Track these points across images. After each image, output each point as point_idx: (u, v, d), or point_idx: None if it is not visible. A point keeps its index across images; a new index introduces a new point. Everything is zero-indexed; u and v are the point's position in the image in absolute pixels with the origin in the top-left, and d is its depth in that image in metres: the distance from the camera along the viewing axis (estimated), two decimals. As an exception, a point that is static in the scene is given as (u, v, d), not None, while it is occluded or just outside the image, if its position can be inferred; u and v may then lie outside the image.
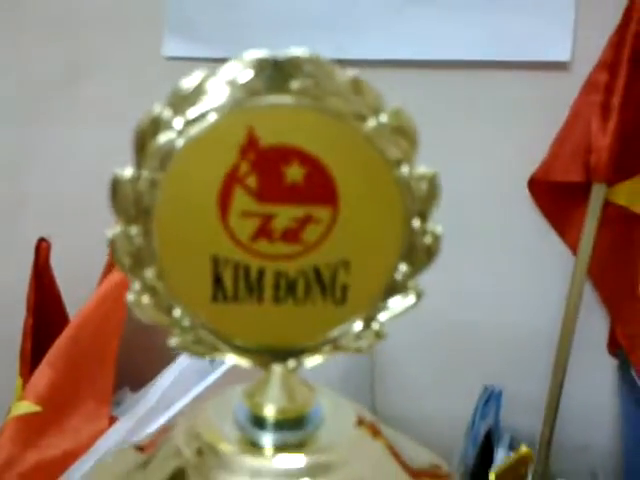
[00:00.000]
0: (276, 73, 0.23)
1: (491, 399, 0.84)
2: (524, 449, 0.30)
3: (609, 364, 0.82)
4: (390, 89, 0.24)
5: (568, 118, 0.73)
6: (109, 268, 0.89)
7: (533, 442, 0.79)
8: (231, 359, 0.26)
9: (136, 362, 0.86)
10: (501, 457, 0.83)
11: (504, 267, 0.82)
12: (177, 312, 0.26)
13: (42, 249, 0.86)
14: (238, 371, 0.28)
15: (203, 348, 0.26)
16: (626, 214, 0.73)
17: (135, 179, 0.24)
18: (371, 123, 0.24)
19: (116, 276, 0.84)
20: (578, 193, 0.72)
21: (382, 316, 0.26)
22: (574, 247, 0.74)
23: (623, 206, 0.74)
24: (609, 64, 0.70)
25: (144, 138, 0.23)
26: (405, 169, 0.24)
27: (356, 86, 0.24)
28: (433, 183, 0.25)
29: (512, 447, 0.85)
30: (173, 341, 0.26)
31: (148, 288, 0.25)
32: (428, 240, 0.25)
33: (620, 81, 0.68)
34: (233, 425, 0.27)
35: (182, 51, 0.88)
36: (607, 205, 0.74)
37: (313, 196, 0.24)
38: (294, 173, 0.24)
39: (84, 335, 0.82)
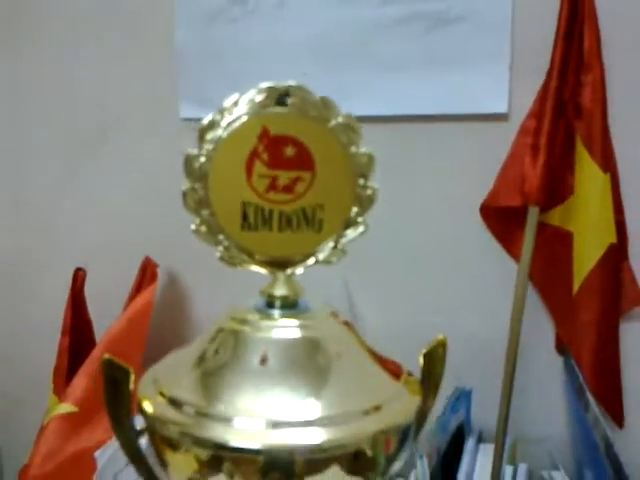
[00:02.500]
0: (278, 94, 0.43)
1: (461, 397, 1.00)
2: (440, 336, 0.45)
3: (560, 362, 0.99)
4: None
5: (507, 157, 0.93)
6: (134, 294, 1.07)
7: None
8: (253, 268, 0.45)
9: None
10: (471, 446, 0.98)
11: (463, 279, 1.00)
12: (221, 237, 0.44)
13: (79, 277, 1.04)
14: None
15: (235, 260, 0.45)
16: (560, 232, 0.92)
17: (197, 155, 0.43)
18: (333, 122, 0.43)
19: (139, 302, 1.02)
20: (518, 215, 0.91)
21: (343, 240, 0.45)
22: (517, 257, 0.93)
23: (557, 226, 0.93)
24: (537, 113, 0.90)
25: (204, 131, 0.43)
26: (354, 149, 0.44)
27: (324, 102, 0.43)
28: (370, 157, 0.44)
29: (481, 439, 1.01)
30: (218, 255, 0.44)
31: (204, 222, 0.44)
32: (369, 192, 0.45)
33: (545, 126, 0.88)
34: (255, 310, 0.45)
35: (195, 112, 1.08)
36: (545, 226, 0.93)
37: (300, 165, 0.43)
38: (289, 151, 0.43)
39: (114, 349, 0.99)
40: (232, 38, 1.01)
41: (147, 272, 1.07)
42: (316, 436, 0.39)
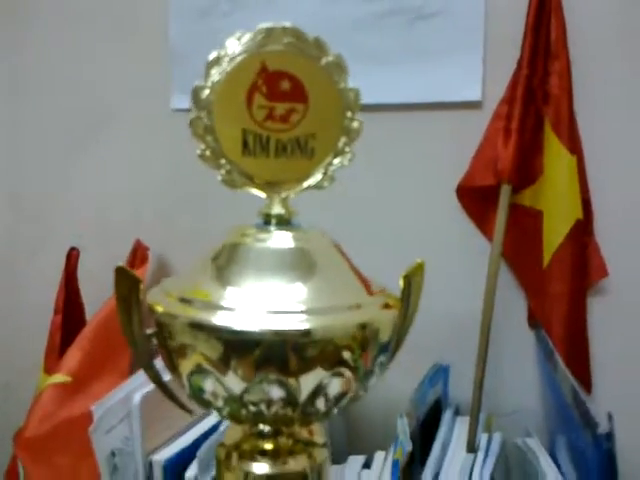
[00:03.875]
0: (276, 34, 0.49)
1: (439, 372, 1.05)
2: (419, 260, 0.50)
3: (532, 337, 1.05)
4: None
5: (481, 141, 1.00)
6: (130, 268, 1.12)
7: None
8: (252, 191, 0.51)
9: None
10: (448, 418, 1.03)
11: (439, 258, 1.06)
12: (223, 161, 0.50)
13: (72, 257, 1.09)
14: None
15: (236, 183, 0.51)
16: (531, 211, 0.99)
17: (203, 87, 0.49)
18: (324, 61, 0.50)
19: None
20: (491, 195, 0.98)
21: (332, 168, 0.51)
22: (490, 237, 0.99)
23: (528, 206, 1.00)
24: (508, 100, 0.97)
25: (210, 65, 0.49)
26: (342, 85, 0.50)
27: (317, 42, 0.50)
28: (356, 93, 0.50)
29: (457, 412, 1.06)
30: (220, 178, 0.50)
31: (209, 147, 0.50)
32: (355, 124, 0.51)
33: (516, 112, 0.95)
34: (254, 227, 0.51)
35: (186, 103, 1.14)
36: (517, 206, 0.99)
37: (295, 97, 0.50)
38: (285, 85, 0.50)
39: (107, 325, 1.04)
40: (223, 31, 1.08)
41: (138, 254, 1.12)
42: (306, 323, 0.44)
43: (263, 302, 0.45)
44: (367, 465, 0.96)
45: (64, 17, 1.21)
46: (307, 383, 0.46)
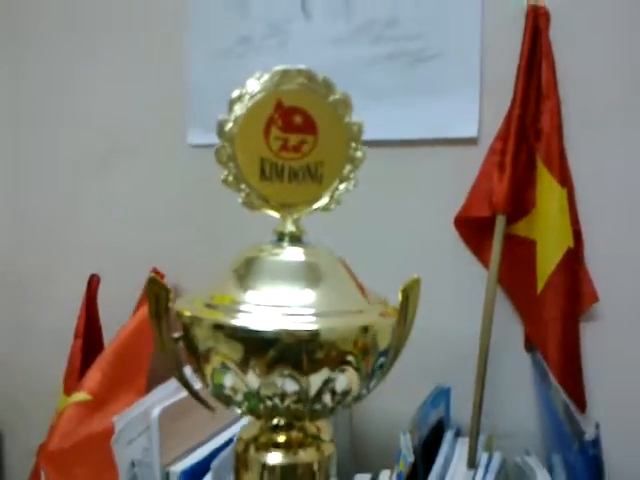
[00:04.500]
0: (291, 75, 0.57)
1: (441, 394, 1.11)
2: (415, 276, 0.56)
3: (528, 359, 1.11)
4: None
5: (478, 175, 1.07)
6: (142, 302, 1.19)
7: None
8: (267, 212, 0.59)
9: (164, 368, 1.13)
10: (450, 438, 1.09)
11: (439, 286, 1.12)
12: (243, 186, 0.58)
13: (93, 282, 1.16)
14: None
15: (254, 205, 0.58)
16: (525, 241, 1.06)
17: (227, 120, 0.57)
18: (331, 98, 0.58)
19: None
20: (487, 226, 1.05)
21: (338, 192, 0.59)
22: (487, 264, 1.06)
23: (522, 236, 1.07)
24: (503, 136, 1.05)
25: (233, 102, 0.57)
26: (347, 119, 0.58)
27: (325, 82, 0.58)
28: (360, 126, 0.58)
29: (458, 434, 1.12)
30: (240, 200, 0.58)
31: (231, 173, 0.57)
32: (359, 154, 0.59)
33: (510, 147, 1.03)
34: (270, 244, 0.58)
35: (202, 139, 1.23)
36: (512, 236, 1.06)
37: (306, 130, 0.57)
38: (298, 119, 0.57)
39: (125, 348, 1.11)
40: (238, 72, 1.16)
41: (154, 282, 1.19)
42: (314, 324, 0.51)
43: (277, 306, 0.52)
44: (373, 483, 1.01)
45: (86, 52, 1.30)
46: (315, 379, 0.52)
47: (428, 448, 1.03)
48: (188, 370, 0.58)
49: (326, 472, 0.58)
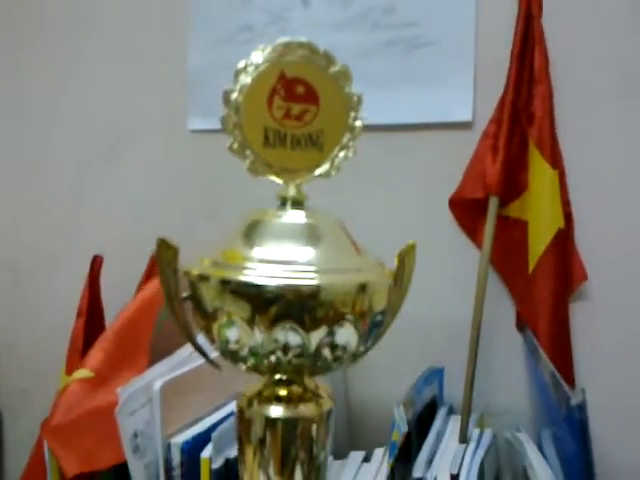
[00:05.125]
0: (293, 47, 0.61)
1: (434, 373, 1.15)
2: (411, 241, 0.60)
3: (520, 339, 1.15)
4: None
5: (472, 157, 1.11)
6: (144, 282, 1.22)
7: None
8: (271, 178, 0.62)
9: (164, 349, 1.16)
10: (443, 415, 1.12)
11: (433, 267, 1.15)
12: (248, 152, 0.61)
13: (96, 263, 1.19)
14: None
15: (258, 171, 0.62)
16: (517, 222, 1.10)
17: (232, 90, 0.60)
18: (332, 69, 0.61)
19: (151, 287, 1.18)
20: (481, 207, 1.09)
21: (337, 160, 0.62)
22: (480, 245, 1.10)
23: (514, 217, 1.10)
24: (496, 120, 1.08)
25: (238, 72, 0.60)
26: (347, 89, 0.61)
27: (326, 54, 0.61)
28: (359, 97, 0.62)
29: (451, 412, 1.15)
30: (246, 166, 0.61)
31: (237, 140, 0.61)
32: (358, 123, 0.62)
33: (503, 131, 1.06)
34: (272, 208, 0.62)
35: (202, 125, 1.27)
36: (504, 218, 1.10)
37: (308, 100, 0.61)
38: (300, 89, 0.61)
39: (127, 328, 1.13)
40: (239, 58, 1.20)
41: (155, 262, 1.22)
42: (315, 280, 0.55)
43: (281, 263, 0.56)
44: (367, 459, 1.05)
45: (88, 41, 1.34)
46: (316, 334, 0.56)
47: (422, 424, 1.06)
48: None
49: (325, 426, 0.61)
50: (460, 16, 1.11)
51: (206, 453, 0.90)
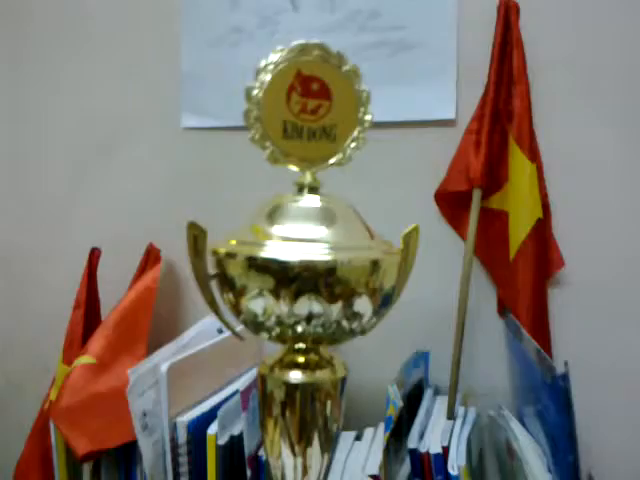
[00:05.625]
0: (309, 48, 0.68)
1: (421, 357, 1.22)
2: (415, 224, 0.67)
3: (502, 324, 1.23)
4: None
5: (456, 153, 1.19)
6: (139, 275, 1.28)
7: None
8: (290, 167, 0.69)
9: (162, 336, 1.22)
10: (430, 395, 1.20)
11: (419, 257, 1.23)
12: (268, 143, 0.68)
13: (94, 256, 1.25)
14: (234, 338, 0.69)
15: (278, 160, 0.69)
16: (499, 213, 1.18)
17: (253, 87, 0.67)
18: (344, 68, 0.68)
19: (148, 279, 1.24)
20: (465, 200, 1.17)
21: (349, 150, 0.70)
22: (464, 236, 1.18)
23: (496, 209, 1.19)
24: (478, 118, 1.16)
25: (259, 71, 0.67)
26: (357, 86, 0.69)
27: (339, 54, 0.68)
28: (368, 93, 0.69)
29: (437, 392, 1.23)
30: (265, 156, 0.68)
31: (257, 132, 0.68)
32: (367, 117, 0.69)
33: (485, 128, 1.15)
34: (290, 194, 0.69)
35: (195, 123, 1.33)
36: (486, 210, 1.18)
37: (322, 96, 0.68)
38: (315, 86, 0.68)
39: (126, 317, 1.20)
40: (231, 59, 1.27)
41: (151, 256, 1.28)
42: (330, 255, 0.62)
43: (300, 241, 0.63)
44: (358, 438, 1.12)
45: (83, 42, 1.39)
46: (335, 305, 0.63)
47: (410, 404, 1.13)
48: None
49: (340, 391, 0.68)
50: (443, 20, 1.18)
51: (212, 430, 0.96)
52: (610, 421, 1.14)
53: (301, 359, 0.68)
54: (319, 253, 0.62)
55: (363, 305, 0.64)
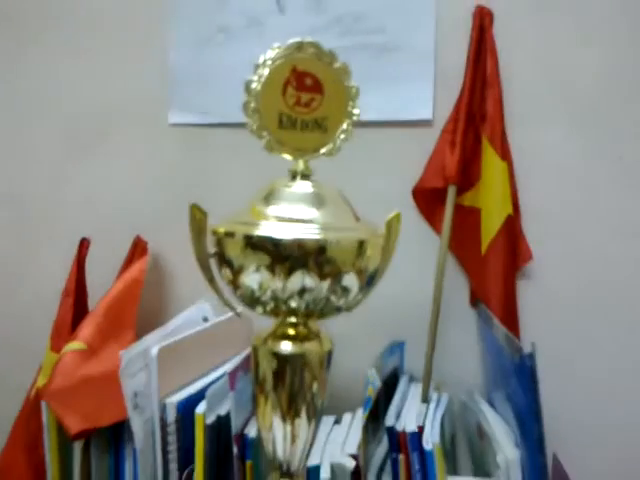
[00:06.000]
0: (303, 46, 0.74)
1: (396, 347, 1.29)
2: (396, 211, 0.75)
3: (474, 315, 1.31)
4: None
5: (432, 152, 1.27)
6: (126, 266, 1.33)
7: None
8: (284, 156, 0.76)
9: (147, 326, 1.27)
10: (405, 382, 1.27)
11: (396, 251, 1.30)
12: (264, 133, 0.74)
13: (83, 246, 1.30)
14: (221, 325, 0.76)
15: (273, 149, 0.75)
16: (471, 210, 1.26)
17: (252, 81, 0.74)
18: (335, 65, 0.75)
19: (136, 269, 1.29)
20: (440, 196, 1.24)
21: (338, 142, 0.76)
22: (439, 231, 1.26)
23: (469, 206, 1.26)
24: (454, 119, 1.24)
25: (257, 67, 0.73)
26: (347, 82, 0.76)
27: (330, 52, 0.75)
28: (357, 89, 0.76)
29: (412, 380, 1.30)
30: (262, 144, 0.75)
31: (255, 123, 0.74)
32: (356, 111, 0.76)
33: (460, 128, 1.22)
34: (284, 179, 0.75)
35: (181, 119, 1.39)
36: (460, 207, 1.25)
37: (315, 90, 0.74)
38: (308, 81, 0.74)
39: (115, 305, 1.25)
40: (217, 58, 1.33)
41: (138, 248, 1.33)
42: (321, 235, 0.69)
43: (293, 222, 0.69)
44: (337, 422, 1.18)
45: (74, 41, 1.43)
46: (325, 281, 0.70)
47: (387, 390, 1.20)
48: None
49: (327, 361, 0.75)
50: (421, 25, 1.26)
51: (200, 409, 1.02)
52: (572, 406, 1.22)
53: (292, 332, 0.74)
54: (311, 232, 0.68)
55: (350, 281, 0.70)
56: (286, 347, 0.73)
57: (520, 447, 0.98)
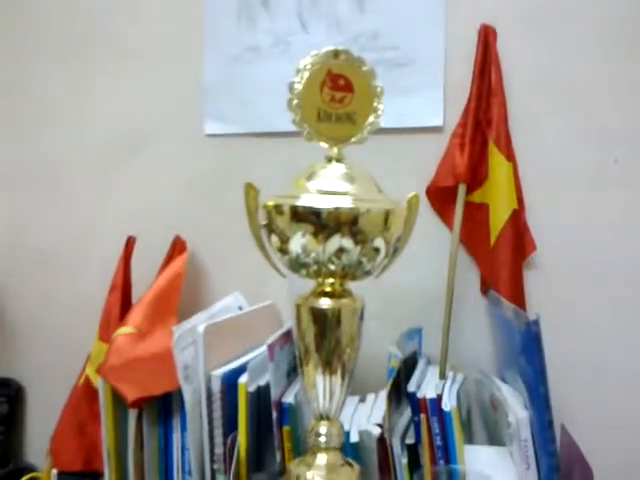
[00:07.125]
0: (337, 52, 0.92)
1: (414, 332, 1.44)
2: (414, 193, 0.92)
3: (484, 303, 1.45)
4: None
5: (443, 155, 1.42)
6: (165, 264, 1.49)
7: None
8: (321, 144, 0.92)
9: (187, 316, 1.42)
10: (423, 364, 1.41)
11: (412, 246, 1.43)
12: (305, 125, 0.91)
13: (130, 243, 1.46)
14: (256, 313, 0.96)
15: (313, 138, 0.92)
16: (481, 205, 1.41)
17: (294, 82, 0.90)
18: (364, 68, 0.92)
19: (177, 264, 1.45)
20: (451, 194, 1.40)
21: (365, 132, 0.93)
22: (451, 227, 1.41)
23: (478, 202, 1.42)
24: (463, 124, 1.40)
25: (300, 70, 0.90)
26: (373, 83, 0.92)
27: (360, 58, 0.92)
28: (382, 88, 0.93)
29: (429, 363, 1.44)
30: (304, 136, 0.92)
31: (298, 115, 0.91)
32: (380, 106, 0.93)
33: (468, 132, 1.38)
34: (322, 163, 0.92)
35: (217, 130, 1.56)
36: (470, 204, 1.40)
37: (347, 89, 0.91)
38: (341, 82, 0.91)
39: (160, 296, 1.40)
40: (247, 74, 1.50)
41: (177, 246, 1.49)
42: (354, 204, 0.85)
43: (331, 194, 0.86)
44: (362, 401, 1.32)
45: (119, 58, 1.61)
46: (358, 246, 0.86)
47: (407, 370, 1.34)
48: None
49: (359, 316, 0.91)
50: (432, 42, 1.42)
51: (242, 379, 1.16)
52: (579, 383, 1.37)
53: (329, 289, 0.90)
54: (346, 202, 0.84)
55: (379, 244, 0.86)
56: (325, 303, 0.89)
57: (529, 408, 1.12)
